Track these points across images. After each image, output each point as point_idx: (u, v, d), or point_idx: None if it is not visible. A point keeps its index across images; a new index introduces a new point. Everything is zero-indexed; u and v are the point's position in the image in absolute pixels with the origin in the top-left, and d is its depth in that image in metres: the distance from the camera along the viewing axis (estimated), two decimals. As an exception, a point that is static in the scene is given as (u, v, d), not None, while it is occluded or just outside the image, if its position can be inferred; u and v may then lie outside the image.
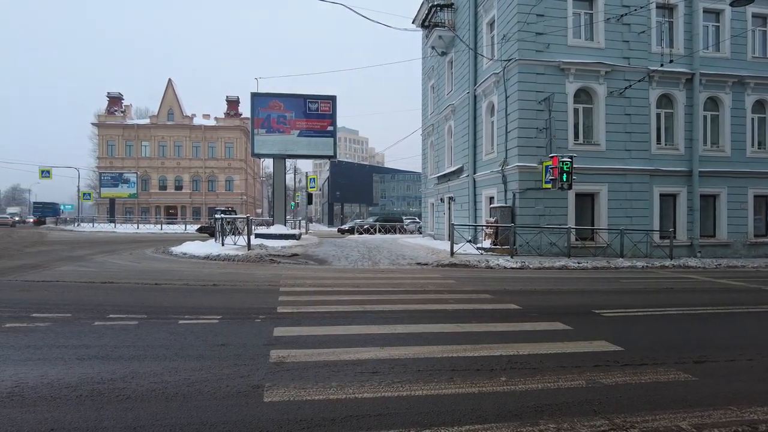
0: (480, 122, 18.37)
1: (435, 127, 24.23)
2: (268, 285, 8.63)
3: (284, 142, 19.97)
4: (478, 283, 9.56)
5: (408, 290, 8.31)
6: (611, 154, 15.74)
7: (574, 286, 9.62)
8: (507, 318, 6.23)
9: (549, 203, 15.26)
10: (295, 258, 13.01)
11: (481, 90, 17.99)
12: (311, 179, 26.08)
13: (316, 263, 12.46)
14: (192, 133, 58.45)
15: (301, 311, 6.31)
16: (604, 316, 6.51)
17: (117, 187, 51.45)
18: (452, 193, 20.86)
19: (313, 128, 20.15)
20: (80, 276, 9.35)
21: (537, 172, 15.04)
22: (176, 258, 13.49)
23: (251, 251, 13.39)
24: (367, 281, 9.34)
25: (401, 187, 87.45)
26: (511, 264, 12.70)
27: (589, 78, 15.62)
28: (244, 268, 11.28)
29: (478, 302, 7.35)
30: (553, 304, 7.38)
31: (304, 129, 20.04)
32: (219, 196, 58.81)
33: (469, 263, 12.47)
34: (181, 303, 6.80)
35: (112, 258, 13.23)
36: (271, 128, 19.77)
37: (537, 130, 15.15)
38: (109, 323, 5.47)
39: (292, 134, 19.89)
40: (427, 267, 12.25)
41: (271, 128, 19.80)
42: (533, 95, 15.22)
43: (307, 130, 20.07)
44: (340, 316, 6.02)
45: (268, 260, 12.34)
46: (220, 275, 9.85)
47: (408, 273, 10.99)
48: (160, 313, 6.09)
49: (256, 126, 19.72)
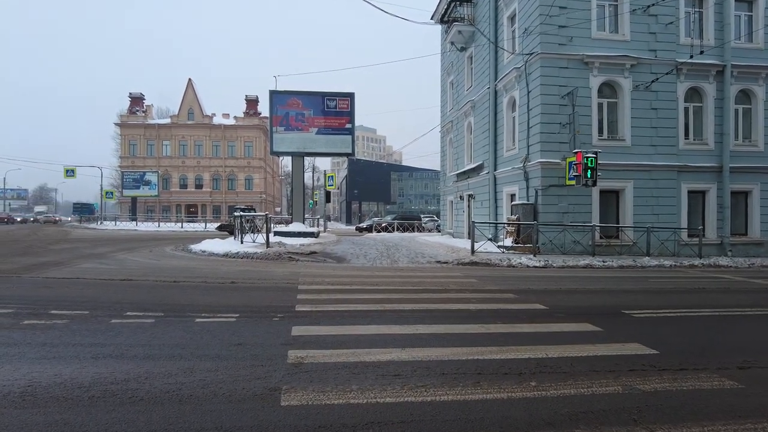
0: (501, 118, 18.03)
1: (454, 124, 23.92)
2: (287, 283, 8.52)
3: (302, 140, 19.91)
4: (500, 282, 9.30)
5: (428, 289, 8.11)
6: (637, 150, 15.26)
7: (600, 285, 9.29)
8: (533, 318, 5.99)
9: (572, 200, 14.86)
10: (313, 256, 12.91)
11: (501, 85, 17.64)
12: (329, 177, 26.00)
13: (335, 261, 12.34)
14: (212, 132, 59.10)
15: (320, 310, 6.17)
16: (635, 317, 6.22)
17: (138, 188, 52.29)
18: (472, 190, 20.55)
19: (332, 126, 20.07)
20: (100, 273, 9.38)
21: (560, 168, 14.66)
22: (195, 256, 13.51)
23: (270, 249, 13.34)
24: (386, 280, 9.17)
25: (419, 185, 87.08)
26: (534, 263, 12.38)
27: (614, 71, 15.16)
28: (263, 266, 11.22)
29: (502, 302, 7.11)
30: (580, 304, 7.09)
31: (323, 127, 19.96)
32: (239, 195, 59.36)
33: (491, 262, 12.20)
34: (198, 301, 6.72)
35: (133, 255, 13.32)
36: (289, 126, 19.74)
37: (560, 126, 14.77)
38: (125, 321, 5.40)
39: (311, 132, 19.83)
40: (447, 265, 12.02)
41: (290, 126, 19.77)
42: (556, 90, 14.84)
43: (326, 128, 20.00)
44: (360, 316, 5.86)
45: (286, 258, 12.26)
46: (238, 273, 9.78)
47: (428, 271, 10.78)
48: (177, 311, 6.01)
49: (274, 124, 19.71)
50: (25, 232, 27.26)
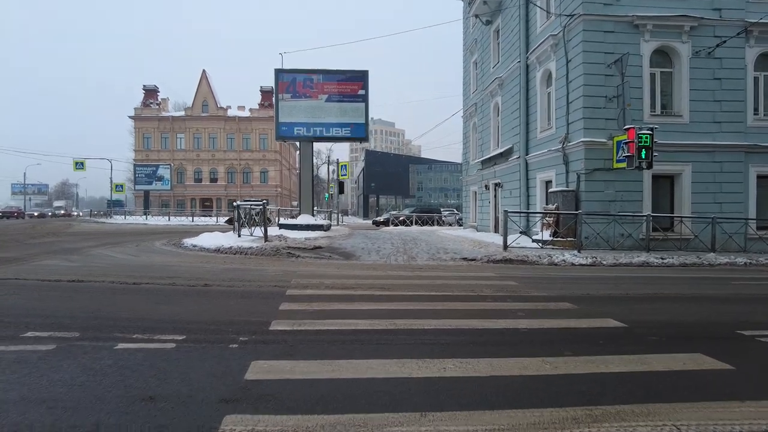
0: (533, 95, 15.90)
1: (478, 107, 21.80)
2: (274, 285, 6.70)
3: (311, 108, 18.09)
4: (547, 285, 7.33)
5: (457, 296, 6.19)
6: (696, 128, 13.01)
7: (675, 289, 7.24)
8: (615, 343, 4.05)
9: (620, 186, 12.72)
10: (317, 251, 11.08)
11: (534, 57, 15.51)
12: (342, 166, 24.19)
13: (341, 258, 10.48)
14: (226, 124, 57.79)
15: (303, 329, 4.33)
16: (765, 342, 4.21)
17: (151, 184, 51.32)
18: (499, 178, 18.47)
19: (344, 92, 18.24)
20: (52, 272, 7.70)
21: (606, 148, 12.54)
22: (183, 251, 11.82)
23: (268, 243, 11.58)
24: (400, 282, 7.27)
25: (438, 178, 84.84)
26: (580, 260, 10.33)
27: (670, 35, 12.91)
28: (255, 263, 9.43)
29: (558, 315, 5.16)
30: (668, 319, 5.09)
31: (334, 93, 18.13)
32: (254, 188, 58.02)
33: (528, 259, 10.19)
34: (143, 313, 4.93)
35: (113, 251, 11.68)
36: (296, 93, 17.99)
37: (606, 99, 12.62)
38: (12, 348, 3.64)
39: (320, 99, 18.03)
40: (475, 263, 10.05)
41: (297, 93, 18.02)
42: (601, 57, 12.68)
43: (337, 94, 18.16)
44: (359, 341, 3.99)
45: (285, 254, 10.47)
46: (220, 272, 8.01)
47: (453, 271, 8.84)
48: (103, 329, 4.24)
49: (280, 91, 17.91)
50: (24, 226, 26.07)
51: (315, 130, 18.26)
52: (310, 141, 18.30)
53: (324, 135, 18.21)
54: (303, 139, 18.14)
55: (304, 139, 18.13)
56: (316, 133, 18.14)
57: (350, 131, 18.37)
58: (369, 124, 18.57)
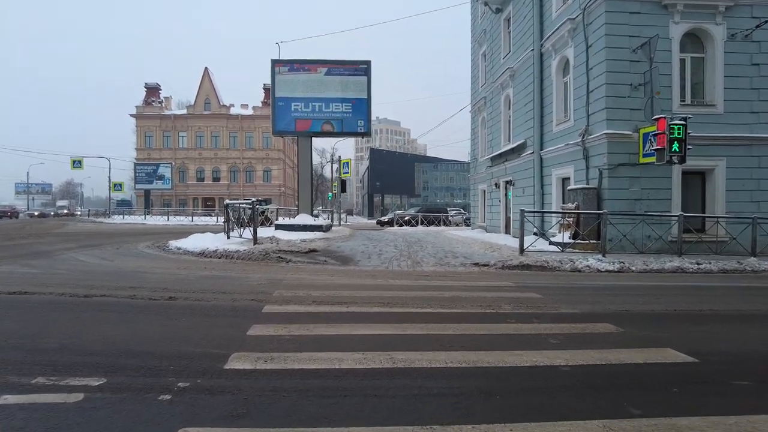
0: (548, 85, 14.72)
1: (488, 101, 20.62)
2: (251, 299, 5.61)
3: (310, 82, 17.02)
4: (575, 297, 6.20)
5: (470, 313, 5.08)
6: (731, 119, 11.78)
7: (728, 304, 6.07)
8: (694, 392, 2.94)
9: (647, 183, 11.54)
10: (311, 255, 9.99)
11: (550, 44, 14.34)
12: (345, 164, 23.06)
13: (338, 263, 9.38)
14: (229, 122, 56.91)
15: (269, 369, 3.24)
16: None
17: (152, 183, 50.49)
18: (511, 175, 17.30)
19: (345, 66, 17.22)
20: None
21: (631, 141, 11.36)
22: (165, 254, 10.77)
23: (257, 246, 10.50)
24: (403, 294, 6.16)
25: (444, 177, 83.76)
26: (605, 265, 9.18)
27: (702, 16, 11.70)
28: (239, 269, 8.36)
29: (602, 342, 4.03)
30: (743, 350, 3.94)
31: (333, 67, 17.09)
32: (257, 188, 57.10)
33: (548, 264, 9.04)
34: (70, 340, 3.86)
35: (88, 254, 10.65)
36: (294, 68, 16.98)
37: (631, 88, 11.43)
38: None
39: (319, 73, 16.96)
40: (489, 270, 8.90)
41: (295, 68, 17.00)
42: (625, 41, 11.49)
43: (337, 68, 17.13)
44: (341, 391, 2.88)
45: (274, 258, 9.39)
46: (194, 281, 6.95)
47: (464, 279, 7.72)
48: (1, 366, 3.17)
49: (277, 65, 16.85)
50: (13, 226, 25.12)
51: (314, 105, 17.07)
52: (308, 136, 17.15)
53: (324, 113, 16.85)
54: (301, 134, 16.99)
55: (302, 135, 16.99)
56: (315, 110, 16.87)
57: (351, 108, 17.13)
58: (372, 110, 17.24)
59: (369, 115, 17.43)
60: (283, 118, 17.13)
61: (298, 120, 17.13)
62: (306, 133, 17.09)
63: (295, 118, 17.18)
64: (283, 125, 17.11)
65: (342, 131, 17.23)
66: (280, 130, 17.35)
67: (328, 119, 17.22)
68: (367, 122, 17.29)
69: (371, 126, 17.20)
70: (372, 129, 18.01)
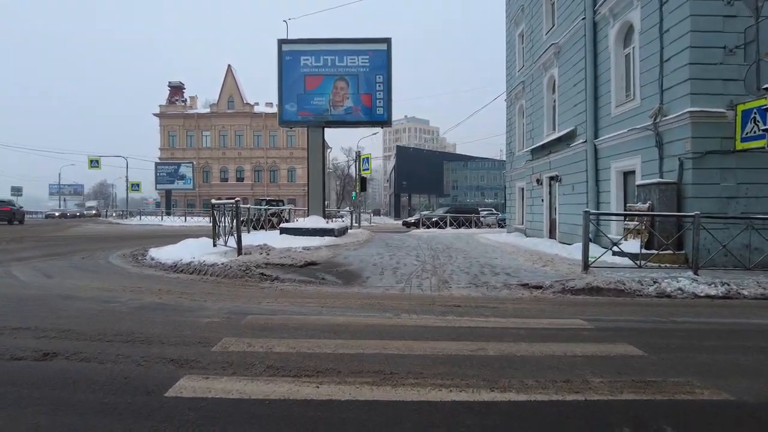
0: (604, 59, 12.14)
1: (527, 85, 18.06)
2: (172, 359, 3.45)
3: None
4: (700, 354, 3.78)
5: (537, 402, 2.76)
6: None
7: None
8: None
9: (745, 176, 8.89)
10: (307, 270, 7.79)
11: (606, 9, 11.77)
12: (364, 159, 20.84)
13: (339, 282, 7.16)
14: (253, 121, 55.68)
15: None
16: None
17: (173, 183, 49.59)
18: (556, 170, 14.73)
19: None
20: None
21: (724, 122, 8.74)
22: (128, 267, 8.67)
23: (241, 257, 8.39)
24: (415, 348, 3.85)
25: (474, 176, 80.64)
26: (704, 287, 6.63)
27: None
28: (201, 293, 6.23)
29: None
30: None
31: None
32: (281, 188, 55.74)
33: (625, 286, 6.55)
34: None
35: (34, 267, 8.57)
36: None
37: (724, 52, 8.82)
38: None
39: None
40: (545, 294, 6.47)
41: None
42: (715, -7, 8.89)
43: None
44: None
45: (256, 275, 7.25)
46: (124, 315, 4.85)
47: (512, 313, 5.35)
48: None
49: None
50: (8, 228, 23.95)
51: (326, 59, 14.92)
52: (320, 126, 14.96)
53: (337, 67, 14.77)
54: (311, 124, 14.80)
55: (313, 124, 14.82)
56: (327, 64, 14.82)
57: (369, 61, 14.90)
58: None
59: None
60: (291, 74, 15.03)
61: (308, 77, 14.96)
62: (317, 121, 14.90)
63: (304, 74, 15.02)
64: (290, 82, 14.97)
65: (359, 120, 14.90)
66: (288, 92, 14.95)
67: (341, 75, 14.95)
68: (387, 85, 14.90)
69: (391, 106, 14.74)
70: (398, 125, 15.80)
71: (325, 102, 14.89)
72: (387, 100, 14.77)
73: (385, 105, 14.76)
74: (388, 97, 14.83)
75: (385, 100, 14.77)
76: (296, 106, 14.89)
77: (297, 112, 14.88)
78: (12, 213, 28.86)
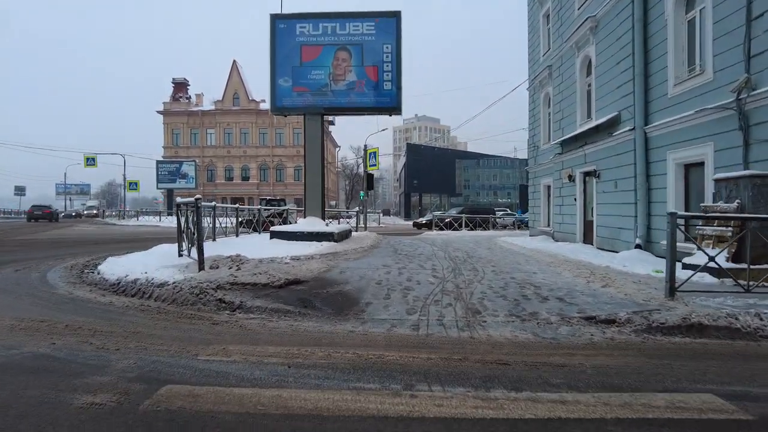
0: (658, 29, 10.03)
1: (554, 70, 15.95)
2: None
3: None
4: None
5: None
6: None
7: None
8: None
9: None
10: (287, 293, 5.82)
11: (662, -33, 9.69)
12: (371, 154, 18.85)
13: (328, 310, 5.19)
14: (258, 118, 53.99)
15: None
16: None
17: (174, 182, 47.99)
18: (594, 164, 12.64)
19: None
20: None
21: (839, 96, 6.65)
22: (58, 287, 6.65)
23: (199, 275, 6.37)
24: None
25: (487, 175, 78.26)
26: None
27: None
28: (122, 333, 4.30)
29: None
30: None
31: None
32: (287, 187, 54.02)
33: (739, 322, 4.49)
34: None
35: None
36: None
37: (839, 3, 6.73)
38: None
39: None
40: (622, 336, 4.43)
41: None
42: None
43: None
44: None
45: (212, 302, 5.30)
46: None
47: (600, 388, 3.38)
48: None
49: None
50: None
51: (326, 27, 12.96)
52: (318, 114, 12.95)
53: (338, 35, 12.88)
54: (309, 111, 12.80)
55: (310, 112, 12.83)
56: (326, 32, 12.89)
57: (375, 28, 12.89)
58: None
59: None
60: (286, 45, 13.08)
61: (305, 47, 12.97)
62: (314, 108, 12.89)
63: (300, 44, 13.05)
64: (284, 53, 13.01)
65: (364, 103, 12.78)
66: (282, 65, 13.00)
67: (343, 44, 12.92)
68: (395, 57, 12.85)
69: (401, 86, 12.61)
70: (408, 124, 13.80)
71: (325, 75, 12.86)
72: (396, 75, 12.66)
73: (394, 80, 12.64)
74: (397, 71, 12.71)
75: (393, 75, 12.66)
76: (291, 81, 12.86)
77: (292, 88, 12.82)
78: (51, 214, 36.04)
